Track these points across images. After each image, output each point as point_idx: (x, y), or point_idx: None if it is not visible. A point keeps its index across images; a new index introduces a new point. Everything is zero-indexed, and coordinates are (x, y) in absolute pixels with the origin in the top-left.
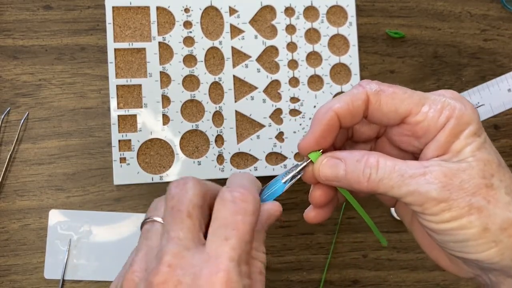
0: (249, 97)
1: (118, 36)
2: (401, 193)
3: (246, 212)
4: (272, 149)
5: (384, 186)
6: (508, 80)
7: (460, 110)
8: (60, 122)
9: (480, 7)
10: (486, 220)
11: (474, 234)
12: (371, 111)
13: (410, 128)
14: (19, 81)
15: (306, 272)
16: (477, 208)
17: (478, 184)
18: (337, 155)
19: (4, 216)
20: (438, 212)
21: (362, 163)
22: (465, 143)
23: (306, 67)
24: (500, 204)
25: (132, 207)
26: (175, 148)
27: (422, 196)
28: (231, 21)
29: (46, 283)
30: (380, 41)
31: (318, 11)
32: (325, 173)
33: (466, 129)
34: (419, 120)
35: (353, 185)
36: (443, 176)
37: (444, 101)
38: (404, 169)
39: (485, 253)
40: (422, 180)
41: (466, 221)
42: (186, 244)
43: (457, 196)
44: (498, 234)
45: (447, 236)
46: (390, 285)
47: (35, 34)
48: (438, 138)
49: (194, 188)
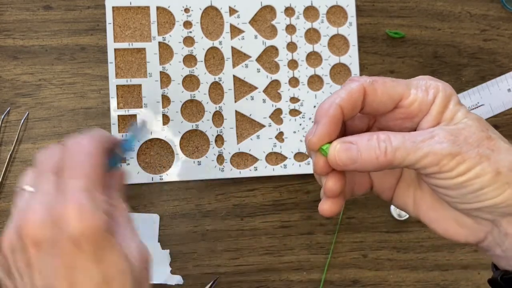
0: (249, 97)
1: (118, 36)
2: (417, 157)
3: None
4: (272, 149)
5: (401, 155)
6: (507, 80)
7: (442, 86)
8: (60, 122)
9: (480, 7)
10: (496, 165)
11: (488, 180)
12: (368, 101)
13: (403, 111)
14: (19, 81)
15: (306, 272)
16: (485, 156)
17: (480, 137)
18: (348, 139)
19: (4, 216)
20: (454, 166)
21: (374, 140)
22: (455, 110)
23: (306, 67)
24: (503, 150)
25: (132, 207)
26: (175, 148)
27: (438, 155)
28: (231, 21)
29: None
30: (380, 41)
31: (318, 11)
32: (341, 157)
33: (452, 100)
34: (412, 101)
35: (369, 163)
36: (449, 135)
37: (426, 83)
38: (414, 137)
39: (500, 196)
40: (433, 142)
41: (480, 169)
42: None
43: (466, 149)
44: (509, 175)
45: (464, 188)
46: (390, 285)
47: (35, 34)
48: (430, 112)
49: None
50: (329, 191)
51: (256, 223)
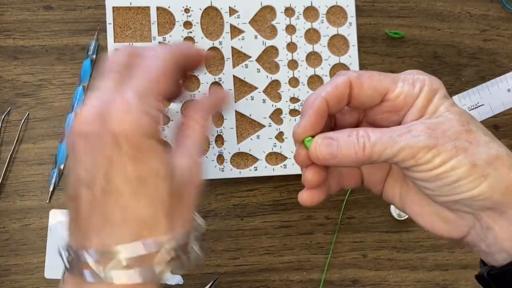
0: (249, 97)
1: (118, 36)
2: (394, 151)
3: (156, 56)
4: (272, 149)
5: (378, 150)
6: (507, 80)
7: (429, 80)
8: (61, 122)
9: (480, 7)
10: (472, 157)
11: (464, 172)
12: (354, 94)
13: (390, 104)
14: (19, 81)
15: (306, 272)
16: (462, 148)
17: (459, 130)
18: (329, 135)
19: (5, 216)
20: (430, 159)
21: (353, 136)
22: (438, 103)
23: (306, 67)
24: (482, 143)
25: None
26: None
27: (413, 148)
28: (231, 21)
29: (47, 283)
30: (379, 41)
31: (318, 11)
32: (322, 152)
33: (437, 94)
34: (398, 94)
35: (349, 158)
36: (426, 129)
37: (413, 76)
38: (392, 131)
39: (477, 188)
40: (410, 136)
41: (455, 162)
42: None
43: (443, 142)
44: (485, 168)
45: (441, 180)
46: (390, 285)
47: (35, 34)
48: (415, 105)
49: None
50: (307, 182)
51: (256, 223)
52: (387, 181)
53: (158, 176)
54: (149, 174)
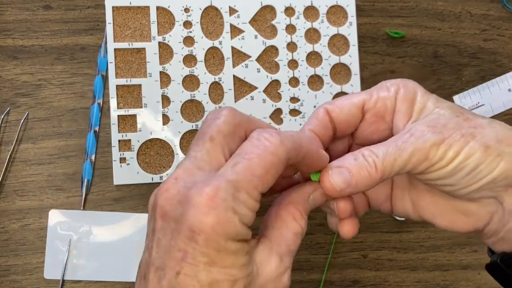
0: (249, 97)
1: (118, 36)
2: (404, 159)
3: (265, 149)
4: None
5: (390, 162)
6: (508, 80)
7: (402, 82)
8: (60, 122)
9: (480, 7)
10: (482, 140)
11: (480, 157)
12: (335, 118)
13: (371, 113)
14: (19, 81)
15: (306, 272)
16: (470, 134)
17: (457, 121)
18: (336, 164)
19: (4, 216)
20: (442, 155)
21: (360, 158)
22: (423, 100)
23: (306, 67)
24: (485, 125)
25: (132, 207)
26: (175, 148)
27: (423, 150)
28: (231, 21)
29: (46, 283)
30: (380, 41)
31: (318, 11)
32: (336, 181)
33: (418, 92)
34: (375, 101)
35: (364, 181)
36: (427, 127)
37: (386, 83)
38: (394, 141)
39: (497, 169)
40: (414, 139)
41: (468, 149)
42: (199, 164)
43: (449, 134)
44: (498, 146)
45: (460, 172)
46: (390, 285)
47: (35, 34)
48: (399, 108)
49: (226, 116)
50: (343, 212)
51: (256, 223)
52: (394, 195)
53: (235, 284)
54: (224, 280)
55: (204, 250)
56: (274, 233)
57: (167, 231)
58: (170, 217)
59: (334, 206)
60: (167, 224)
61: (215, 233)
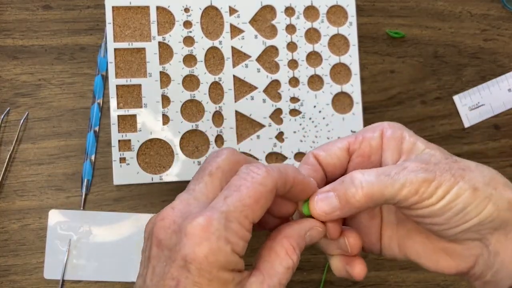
0: (249, 97)
1: (118, 36)
2: (395, 189)
3: (253, 180)
4: (272, 149)
5: (379, 188)
6: (508, 80)
7: (388, 123)
8: (60, 122)
9: (481, 7)
10: (471, 182)
11: (468, 198)
12: (323, 160)
13: (357, 154)
14: (18, 81)
15: (306, 272)
16: (459, 175)
17: (447, 162)
18: (324, 189)
19: (4, 216)
20: (433, 192)
21: (347, 179)
22: (413, 140)
23: (306, 67)
24: (473, 168)
25: (132, 207)
26: (175, 148)
27: (415, 183)
28: (231, 21)
29: (46, 283)
30: (380, 41)
31: (318, 11)
32: (321, 207)
33: (405, 132)
34: (360, 141)
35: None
36: (420, 164)
37: (371, 125)
38: (387, 170)
39: (484, 211)
40: (407, 172)
41: (457, 189)
42: (197, 195)
43: (440, 173)
44: (486, 189)
45: (448, 212)
46: (391, 285)
47: (34, 34)
48: (386, 147)
49: (226, 155)
50: (355, 247)
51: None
52: (383, 235)
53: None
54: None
55: (197, 280)
56: (266, 266)
57: (161, 259)
58: (164, 246)
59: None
60: (162, 252)
61: (207, 263)
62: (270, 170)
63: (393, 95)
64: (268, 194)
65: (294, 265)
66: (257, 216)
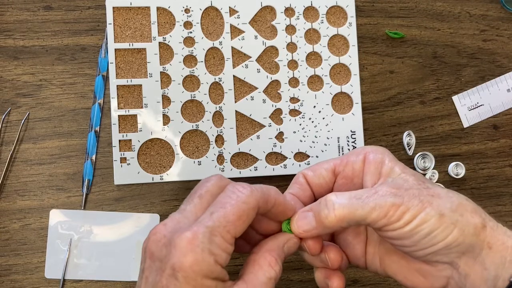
0: (249, 97)
1: (118, 36)
2: (365, 211)
3: (237, 199)
4: (272, 149)
5: (350, 210)
6: (507, 80)
7: (371, 148)
8: (61, 122)
9: (480, 8)
10: (438, 208)
11: (435, 223)
12: (310, 179)
13: (341, 176)
14: (19, 81)
15: (306, 272)
16: (427, 202)
17: (419, 188)
18: (305, 209)
19: (5, 216)
20: (400, 216)
21: (323, 202)
22: (392, 164)
23: (306, 67)
24: (442, 195)
25: (133, 207)
26: (175, 148)
27: (383, 207)
28: (231, 22)
29: (47, 283)
30: (379, 42)
31: (318, 12)
32: (300, 225)
33: (386, 157)
34: (344, 164)
35: (323, 223)
36: (391, 189)
37: (356, 149)
38: (359, 194)
39: (450, 236)
40: (377, 196)
41: (424, 214)
42: (187, 214)
43: (409, 199)
44: (452, 215)
45: (416, 235)
46: (390, 284)
47: (35, 34)
48: (366, 171)
49: (214, 180)
50: (335, 262)
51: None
52: (367, 252)
53: None
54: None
55: (184, 286)
56: (250, 277)
57: (153, 269)
58: (156, 258)
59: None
60: (154, 263)
61: (192, 271)
62: (253, 190)
63: (393, 96)
64: (250, 212)
65: (276, 276)
66: (239, 231)
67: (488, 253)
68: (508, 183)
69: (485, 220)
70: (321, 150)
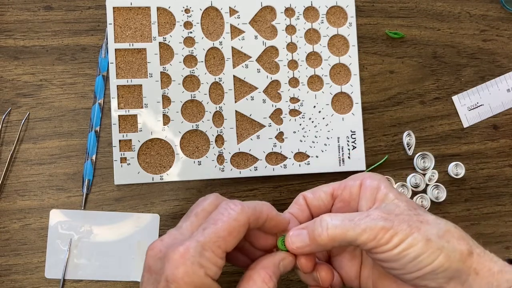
0: (249, 97)
1: (118, 36)
2: (356, 233)
3: (229, 216)
4: (272, 149)
5: (341, 231)
6: (507, 81)
7: (368, 174)
8: (61, 122)
9: (480, 8)
10: (425, 233)
11: (421, 248)
12: (310, 201)
13: (339, 199)
14: (20, 82)
15: None
16: (415, 227)
17: (409, 214)
18: (300, 227)
19: (5, 216)
20: (389, 239)
21: (318, 221)
22: (386, 191)
23: (306, 67)
24: (431, 221)
25: (133, 207)
26: (175, 148)
27: (374, 230)
28: (231, 22)
29: (47, 283)
30: (379, 42)
31: (318, 12)
32: (294, 242)
33: (381, 183)
34: (342, 188)
35: (316, 241)
36: (382, 213)
37: (355, 175)
38: (352, 216)
39: (436, 261)
40: (368, 219)
41: (411, 239)
42: (183, 231)
43: (398, 223)
44: (439, 241)
45: (403, 258)
46: None
47: (36, 34)
48: (362, 196)
49: (211, 199)
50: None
51: None
52: (361, 274)
53: None
54: None
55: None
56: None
57: (150, 281)
58: (153, 271)
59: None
60: (151, 276)
61: (184, 283)
62: (245, 208)
63: (393, 95)
64: (241, 228)
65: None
66: (230, 246)
67: (475, 279)
68: (508, 183)
69: (472, 247)
70: (321, 150)
